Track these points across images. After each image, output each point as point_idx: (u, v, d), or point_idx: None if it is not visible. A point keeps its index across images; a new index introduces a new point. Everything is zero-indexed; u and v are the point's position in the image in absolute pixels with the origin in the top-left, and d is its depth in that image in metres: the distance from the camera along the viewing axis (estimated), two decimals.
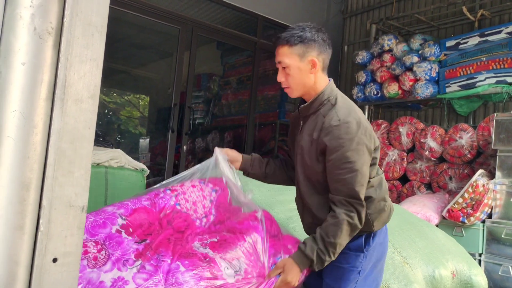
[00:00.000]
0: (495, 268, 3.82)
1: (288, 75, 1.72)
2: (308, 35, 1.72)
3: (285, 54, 1.71)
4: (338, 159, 1.63)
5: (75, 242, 0.80)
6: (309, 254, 1.64)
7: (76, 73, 0.81)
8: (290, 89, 1.75)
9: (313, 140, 1.72)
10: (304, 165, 1.76)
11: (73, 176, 0.80)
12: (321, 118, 1.72)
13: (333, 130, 1.65)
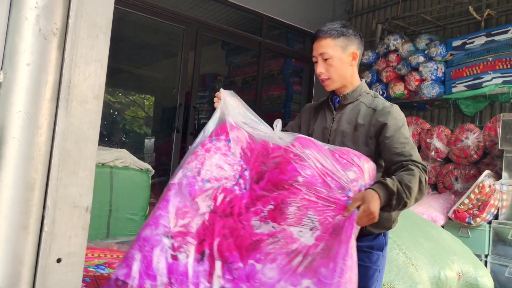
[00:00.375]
0: (502, 270, 3.80)
1: (330, 65, 1.81)
2: (350, 31, 1.84)
3: (328, 45, 1.81)
4: (397, 136, 1.74)
5: (79, 243, 0.80)
6: (391, 186, 1.57)
7: (81, 74, 0.81)
8: (330, 80, 1.84)
9: (360, 125, 1.81)
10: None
11: (77, 176, 0.80)
12: (363, 106, 1.84)
13: (390, 111, 1.79)
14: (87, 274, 1.93)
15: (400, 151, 1.71)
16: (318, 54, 1.83)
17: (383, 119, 1.78)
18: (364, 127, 1.81)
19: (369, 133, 1.79)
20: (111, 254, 2.19)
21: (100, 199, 3.31)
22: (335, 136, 1.85)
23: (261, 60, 5.86)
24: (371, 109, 1.83)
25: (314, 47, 1.85)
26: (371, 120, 1.80)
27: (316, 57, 1.85)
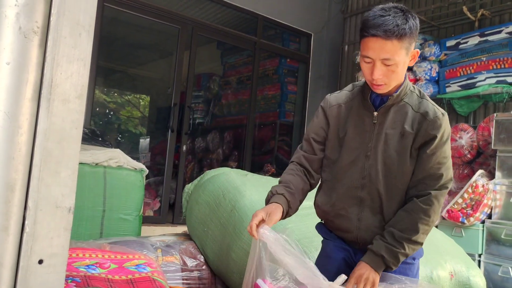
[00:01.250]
0: (495, 269, 3.81)
1: (392, 72, 1.53)
2: (414, 23, 1.52)
3: (395, 50, 1.49)
4: (437, 153, 1.59)
5: (61, 244, 0.79)
6: (377, 250, 1.56)
7: (63, 73, 0.80)
8: (386, 86, 1.57)
9: (408, 133, 1.60)
10: (387, 159, 1.62)
11: (59, 176, 0.79)
12: (409, 109, 1.63)
13: (442, 123, 1.59)
14: (78, 274, 1.91)
15: (433, 172, 1.60)
16: (378, 58, 1.51)
17: (434, 132, 1.59)
18: (412, 136, 1.61)
19: (416, 144, 1.61)
20: (103, 254, 2.17)
21: (93, 199, 3.29)
22: (376, 141, 1.63)
23: (256, 60, 5.86)
24: (419, 114, 1.62)
25: (370, 46, 1.51)
26: (421, 130, 1.60)
27: (372, 59, 1.52)
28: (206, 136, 6.96)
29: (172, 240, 3.01)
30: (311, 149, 1.77)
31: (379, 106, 1.66)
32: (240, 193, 2.79)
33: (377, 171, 1.64)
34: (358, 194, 1.68)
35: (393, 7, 1.54)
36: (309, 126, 1.82)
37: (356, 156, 1.67)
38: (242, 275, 2.56)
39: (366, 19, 1.53)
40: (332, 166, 1.75)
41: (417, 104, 1.64)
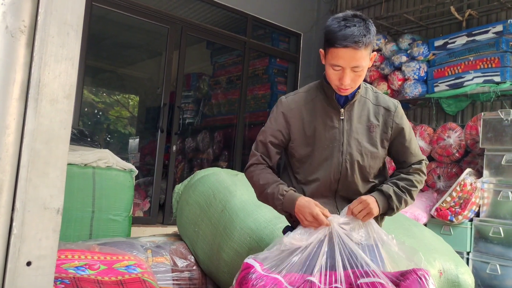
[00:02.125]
0: (483, 266, 3.85)
1: (359, 76, 1.68)
2: (373, 30, 1.68)
3: (363, 57, 1.64)
4: (413, 138, 1.85)
5: (50, 245, 0.78)
6: (386, 190, 1.74)
7: (51, 73, 0.79)
8: (352, 89, 1.72)
9: (375, 125, 1.78)
10: (362, 151, 1.77)
11: (48, 177, 0.78)
12: (369, 103, 1.80)
13: (401, 110, 1.84)
14: (67, 275, 1.90)
15: (416, 152, 1.86)
16: (349, 66, 1.64)
17: (401, 122, 1.81)
18: (379, 128, 1.79)
19: (386, 135, 1.80)
20: (92, 256, 2.16)
21: (82, 200, 3.27)
22: (349, 137, 1.76)
23: (246, 60, 5.85)
24: (382, 108, 1.81)
25: (341, 56, 1.62)
26: (388, 121, 1.80)
27: (343, 68, 1.65)
28: (196, 136, 6.94)
29: (162, 241, 3.00)
30: (267, 152, 1.84)
31: (343, 103, 1.78)
32: (230, 193, 2.79)
33: (352, 163, 1.76)
34: (333, 187, 1.80)
35: (353, 16, 1.68)
36: (266, 128, 1.85)
37: (329, 152, 1.77)
38: (232, 275, 2.56)
39: (332, 30, 1.65)
40: (304, 165, 1.82)
41: (374, 97, 1.83)
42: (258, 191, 1.84)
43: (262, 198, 1.84)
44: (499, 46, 4.27)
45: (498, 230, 3.78)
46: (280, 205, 1.74)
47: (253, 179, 1.83)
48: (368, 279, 1.55)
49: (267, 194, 1.77)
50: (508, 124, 3.84)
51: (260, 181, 1.80)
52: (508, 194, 3.80)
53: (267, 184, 1.77)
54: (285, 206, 1.72)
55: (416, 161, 1.85)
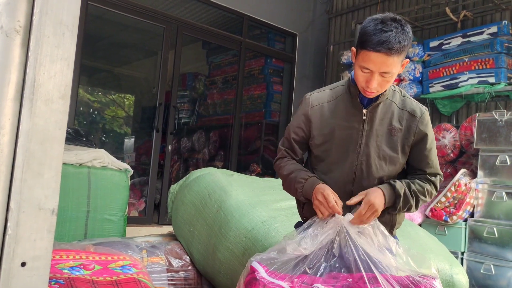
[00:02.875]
0: (477, 267, 3.87)
1: (387, 82, 1.64)
2: (410, 36, 1.62)
3: (394, 63, 1.59)
4: (434, 148, 1.78)
5: (44, 246, 0.78)
6: (398, 189, 1.68)
7: (46, 73, 0.79)
8: (377, 93, 1.68)
9: (397, 129, 1.74)
10: (381, 153, 1.73)
11: (42, 178, 0.78)
12: (395, 107, 1.75)
13: (428, 118, 1.77)
14: (62, 276, 1.89)
15: (435, 164, 1.79)
16: (378, 71, 1.59)
17: (425, 129, 1.75)
18: (401, 133, 1.74)
19: (407, 141, 1.74)
20: (87, 256, 2.15)
21: (77, 199, 3.25)
22: (368, 138, 1.72)
23: (242, 60, 5.85)
24: (407, 113, 1.75)
25: (372, 60, 1.58)
26: (412, 127, 1.74)
27: (371, 71, 1.61)
28: (191, 136, 6.93)
29: (157, 241, 3.00)
30: (291, 147, 1.86)
31: (367, 104, 1.74)
32: (226, 193, 2.79)
33: (368, 165, 1.73)
34: (348, 188, 1.75)
35: (391, 20, 1.61)
36: (290, 125, 1.88)
37: (345, 151, 1.75)
38: (228, 275, 2.57)
39: (367, 33, 1.59)
40: (321, 163, 1.81)
41: (401, 101, 1.77)
42: (283, 180, 1.85)
43: (285, 186, 1.84)
44: (494, 47, 4.29)
45: (492, 231, 3.80)
46: (300, 188, 1.73)
47: (279, 171, 1.86)
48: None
49: (290, 179, 1.78)
50: (502, 125, 3.86)
51: (284, 172, 1.82)
52: (502, 194, 3.82)
53: (291, 172, 1.80)
54: (305, 190, 1.72)
55: (432, 173, 1.78)
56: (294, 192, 1.79)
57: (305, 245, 1.63)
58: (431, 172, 1.78)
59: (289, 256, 1.64)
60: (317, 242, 1.62)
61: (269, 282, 1.58)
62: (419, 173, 1.79)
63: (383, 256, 1.61)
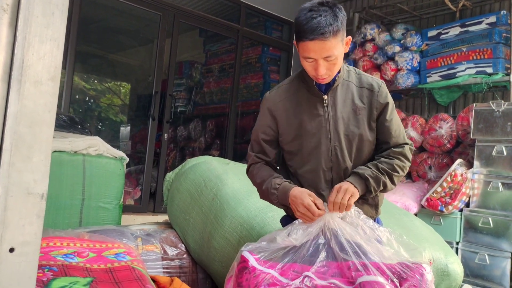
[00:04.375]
0: (472, 256, 3.89)
1: (333, 65, 1.64)
2: (342, 15, 1.62)
3: (333, 46, 1.59)
4: (395, 117, 1.78)
5: (34, 231, 0.76)
6: (363, 172, 1.69)
7: (35, 54, 0.76)
8: (330, 77, 1.68)
9: (360, 107, 1.74)
10: (350, 136, 1.74)
11: (31, 161, 0.76)
12: (353, 86, 1.77)
13: (386, 90, 1.78)
14: (55, 263, 1.88)
15: (398, 134, 1.79)
16: (320, 57, 1.60)
17: (384, 100, 1.76)
18: (365, 110, 1.75)
19: (372, 117, 1.76)
20: (81, 243, 2.14)
21: (72, 187, 3.23)
22: (335, 122, 1.73)
23: (239, 48, 5.81)
24: (365, 89, 1.77)
25: (311, 49, 1.59)
26: (372, 102, 1.75)
27: (315, 59, 1.62)
28: (188, 124, 6.90)
29: (152, 229, 2.99)
30: (262, 150, 1.84)
31: (326, 89, 1.75)
32: (222, 182, 2.78)
33: (342, 150, 1.74)
34: (328, 176, 1.76)
35: (319, 5, 1.62)
36: (256, 127, 1.86)
37: (317, 140, 1.75)
38: (223, 263, 2.56)
39: (299, 23, 1.61)
40: (295, 157, 1.80)
41: (357, 79, 1.79)
42: (258, 191, 1.84)
43: (262, 197, 1.84)
44: (492, 37, 4.27)
45: (488, 221, 3.81)
46: (275, 199, 1.73)
47: (252, 180, 1.84)
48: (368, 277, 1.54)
49: (263, 191, 1.77)
50: (499, 115, 3.85)
51: (257, 180, 1.81)
52: (498, 184, 3.82)
53: (262, 182, 1.78)
54: (280, 199, 1.71)
55: (397, 144, 1.78)
56: (271, 203, 1.79)
57: (294, 235, 1.63)
58: (395, 142, 1.77)
59: (279, 246, 1.63)
60: (307, 233, 1.62)
61: (259, 271, 1.58)
62: (385, 148, 1.79)
63: (372, 245, 1.61)
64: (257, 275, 1.58)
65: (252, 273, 1.59)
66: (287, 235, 1.64)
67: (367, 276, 1.53)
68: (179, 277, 2.67)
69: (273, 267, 1.61)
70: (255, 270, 1.59)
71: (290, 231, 1.66)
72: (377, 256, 1.59)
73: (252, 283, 1.57)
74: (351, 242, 1.61)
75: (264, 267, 1.61)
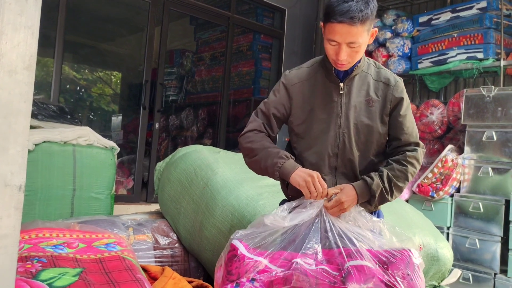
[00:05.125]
0: (463, 241, 3.92)
1: (356, 52, 1.65)
2: (374, 5, 1.63)
3: (359, 33, 1.60)
4: (409, 114, 1.78)
5: (12, 224, 0.75)
6: (374, 189, 1.66)
7: (8, 42, 0.74)
8: (349, 64, 1.69)
9: (374, 100, 1.75)
10: (359, 125, 1.74)
11: (7, 153, 0.74)
12: (370, 78, 1.78)
13: (403, 86, 1.78)
14: (44, 254, 1.87)
15: (410, 131, 1.77)
16: (344, 42, 1.61)
17: (399, 95, 1.76)
18: (379, 103, 1.76)
19: (385, 110, 1.76)
20: (71, 234, 2.13)
21: (62, 178, 3.21)
22: (347, 110, 1.74)
23: (230, 36, 5.76)
24: (381, 83, 1.78)
25: (337, 31, 1.60)
26: (387, 96, 1.76)
27: (338, 43, 1.62)
28: (180, 113, 6.86)
29: (144, 219, 2.98)
30: (268, 123, 1.82)
31: (343, 77, 1.76)
32: (212, 171, 2.77)
33: (350, 137, 1.74)
34: (332, 163, 1.76)
35: None
36: (269, 100, 1.84)
37: (326, 125, 1.75)
38: (214, 252, 2.56)
39: (330, 5, 1.62)
40: (302, 140, 1.80)
41: (376, 73, 1.80)
42: (252, 153, 1.76)
43: (257, 158, 1.75)
44: (483, 23, 4.26)
45: (478, 206, 3.85)
46: (278, 167, 1.68)
47: (250, 143, 1.77)
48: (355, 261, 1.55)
49: (269, 152, 1.72)
50: (490, 100, 3.86)
51: (256, 145, 1.75)
52: (488, 170, 3.85)
53: (264, 148, 1.74)
54: (285, 168, 1.67)
55: (409, 143, 1.76)
56: (268, 168, 1.72)
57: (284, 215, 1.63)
58: (406, 140, 1.76)
59: (269, 230, 1.63)
60: (297, 218, 1.62)
61: (249, 259, 1.58)
62: (395, 145, 1.77)
63: (363, 233, 1.62)
64: (247, 263, 1.58)
65: (242, 261, 1.59)
66: (275, 216, 1.64)
67: (354, 261, 1.54)
68: (171, 266, 2.67)
69: (262, 254, 1.61)
70: (244, 258, 1.60)
71: (279, 212, 1.66)
72: (368, 245, 1.60)
73: (242, 271, 1.58)
74: (342, 230, 1.61)
75: (253, 254, 1.62)
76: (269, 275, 1.56)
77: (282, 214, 1.65)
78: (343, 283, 1.53)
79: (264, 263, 1.59)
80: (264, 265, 1.59)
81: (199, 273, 2.84)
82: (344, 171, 1.77)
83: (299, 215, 1.64)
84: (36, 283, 1.60)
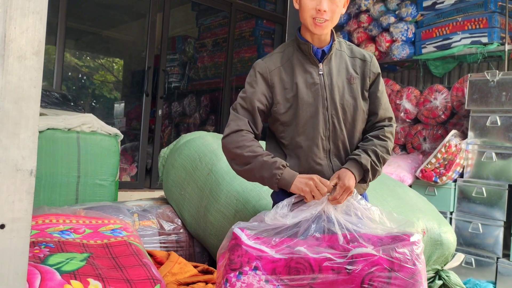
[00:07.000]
0: (465, 226, 3.94)
1: (336, 6, 1.69)
2: None
3: None
4: (384, 89, 1.84)
5: (24, 208, 0.76)
6: (364, 163, 1.70)
7: (17, 27, 0.74)
8: (329, 22, 1.70)
9: (354, 77, 1.78)
10: (345, 104, 1.76)
11: (18, 138, 0.75)
12: (345, 56, 1.80)
13: (376, 62, 1.84)
14: (51, 239, 1.89)
15: (387, 106, 1.83)
16: None
17: (377, 70, 1.82)
18: (358, 79, 1.79)
19: (365, 86, 1.79)
20: (77, 220, 2.15)
21: (67, 165, 3.23)
22: (331, 91, 1.73)
23: (232, 22, 5.72)
24: (358, 59, 1.81)
25: None
26: (365, 71, 1.80)
27: None
28: (182, 100, 6.86)
29: (148, 205, 3.00)
30: (253, 119, 1.74)
31: (321, 58, 1.77)
32: (216, 157, 2.78)
33: (338, 118, 1.75)
34: (325, 146, 1.75)
35: None
36: (247, 94, 1.74)
37: (314, 110, 1.73)
38: (219, 237, 2.59)
39: None
40: (289, 128, 1.75)
41: (348, 50, 1.83)
42: (243, 161, 1.68)
43: (248, 168, 1.68)
44: (488, 6, 4.22)
45: (481, 190, 3.85)
46: (280, 174, 1.63)
47: (240, 148, 1.67)
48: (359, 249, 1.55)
49: (263, 163, 1.64)
50: (494, 85, 3.84)
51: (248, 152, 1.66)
52: (492, 155, 3.85)
53: (257, 156, 1.66)
54: (284, 178, 1.63)
55: (386, 117, 1.82)
56: (266, 178, 1.66)
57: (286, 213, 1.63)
58: (383, 115, 1.81)
59: (270, 226, 1.64)
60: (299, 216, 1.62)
61: (251, 247, 1.59)
62: (373, 120, 1.81)
63: (364, 220, 1.63)
64: (249, 252, 1.59)
65: (244, 250, 1.60)
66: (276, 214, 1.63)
67: (358, 248, 1.55)
68: (176, 251, 2.70)
69: (265, 243, 1.62)
70: (247, 247, 1.60)
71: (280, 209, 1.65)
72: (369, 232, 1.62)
73: (244, 259, 1.58)
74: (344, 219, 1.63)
75: (256, 243, 1.62)
76: (271, 263, 1.57)
77: (283, 211, 1.64)
78: (347, 270, 1.55)
79: (267, 251, 1.60)
80: (267, 253, 1.59)
81: (204, 258, 2.87)
82: (337, 153, 1.77)
83: (301, 213, 1.63)
84: (44, 268, 1.62)
